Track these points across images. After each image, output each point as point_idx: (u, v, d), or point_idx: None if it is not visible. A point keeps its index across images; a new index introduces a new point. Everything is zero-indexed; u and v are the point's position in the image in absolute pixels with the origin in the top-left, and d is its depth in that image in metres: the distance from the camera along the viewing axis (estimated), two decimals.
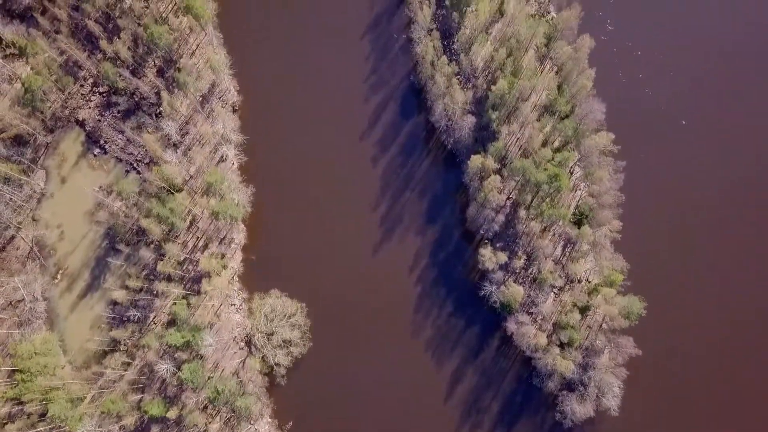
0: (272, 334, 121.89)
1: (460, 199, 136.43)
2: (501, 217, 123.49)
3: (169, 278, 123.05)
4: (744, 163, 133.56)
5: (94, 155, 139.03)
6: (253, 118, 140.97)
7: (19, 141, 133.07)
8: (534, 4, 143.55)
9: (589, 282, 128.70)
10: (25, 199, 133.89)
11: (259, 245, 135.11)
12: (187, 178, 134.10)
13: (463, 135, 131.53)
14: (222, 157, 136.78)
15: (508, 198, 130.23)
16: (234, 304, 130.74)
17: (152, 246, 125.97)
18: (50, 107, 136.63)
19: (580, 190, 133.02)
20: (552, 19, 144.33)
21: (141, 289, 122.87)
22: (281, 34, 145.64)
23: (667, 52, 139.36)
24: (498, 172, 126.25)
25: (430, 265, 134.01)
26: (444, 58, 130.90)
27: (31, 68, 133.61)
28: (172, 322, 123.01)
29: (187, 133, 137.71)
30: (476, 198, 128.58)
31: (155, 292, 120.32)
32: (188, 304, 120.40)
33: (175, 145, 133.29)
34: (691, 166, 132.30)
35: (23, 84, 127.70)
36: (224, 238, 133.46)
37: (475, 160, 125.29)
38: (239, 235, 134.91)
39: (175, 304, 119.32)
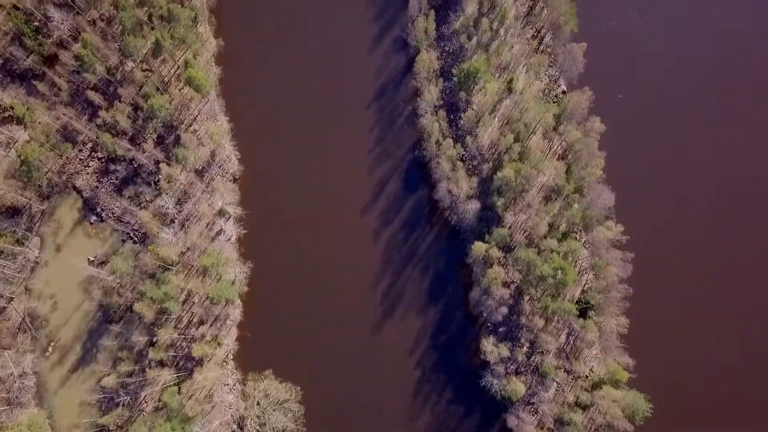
0: (264, 424, 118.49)
1: (464, 278, 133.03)
2: (504, 309, 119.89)
3: (161, 363, 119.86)
4: (757, 254, 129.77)
5: (91, 223, 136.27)
6: (253, 190, 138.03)
7: (13, 212, 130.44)
8: (545, 78, 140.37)
9: (593, 372, 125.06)
10: (18, 268, 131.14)
11: (256, 322, 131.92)
12: (183, 250, 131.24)
13: (468, 216, 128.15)
14: (220, 229, 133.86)
15: (512, 283, 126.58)
16: (227, 384, 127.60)
17: (145, 327, 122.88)
18: (47, 173, 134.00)
19: (586, 273, 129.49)
20: (562, 93, 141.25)
21: (132, 373, 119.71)
22: (285, 101, 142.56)
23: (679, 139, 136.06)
24: (501, 262, 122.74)
25: (431, 348, 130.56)
26: (449, 141, 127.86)
27: (28, 137, 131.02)
28: (163, 406, 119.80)
29: (185, 202, 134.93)
30: (479, 283, 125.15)
31: (146, 378, 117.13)
32: (179, 390, 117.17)
33: (172, 220, 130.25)
34: (701, 256, 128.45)
35: (19, 156, 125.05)
36: (219, 314, 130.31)
37: (478, 248, 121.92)
38: (235, 311, 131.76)
39: (166, 389, 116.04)
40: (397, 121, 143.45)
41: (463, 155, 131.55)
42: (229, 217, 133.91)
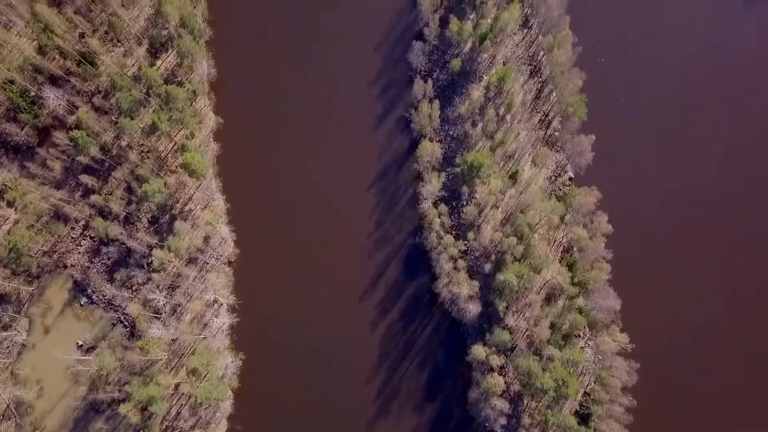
0: None
1: (464, 373, 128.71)
2: (503, 420, 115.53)
3: None
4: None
5: (81, 305, 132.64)
6: (248, 274, 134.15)
7: (0, 299, 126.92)
8: (551, 165, 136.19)
9: None
10: (4, 353, 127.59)
11: (247, 416, 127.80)
12: (174, 338, 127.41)
13: (468, 315, 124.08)
14: (212, 318, 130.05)
15: (511, 385, 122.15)
16: None
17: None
18: (37, 253, 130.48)
19: (588, 376, 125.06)
20: (569, 181, 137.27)
21: None
22: (284, 180, 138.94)
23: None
24: (501, 368, 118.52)
25: None
26: (450, 238, 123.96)
27: (18, 218, 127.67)
28: None
29: (177, 287, 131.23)
30: (478, 385, 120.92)
31: None
32: None
33: (162, 310, 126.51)
34: (710, 370, 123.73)
35: (8, 242, 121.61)
36: (209, 406, 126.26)
37: (478, 351, 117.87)
38: (225, 403, 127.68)
39: None
40: (399, 203, 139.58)
41: (464, 250, 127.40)
42: (222, 305, 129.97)
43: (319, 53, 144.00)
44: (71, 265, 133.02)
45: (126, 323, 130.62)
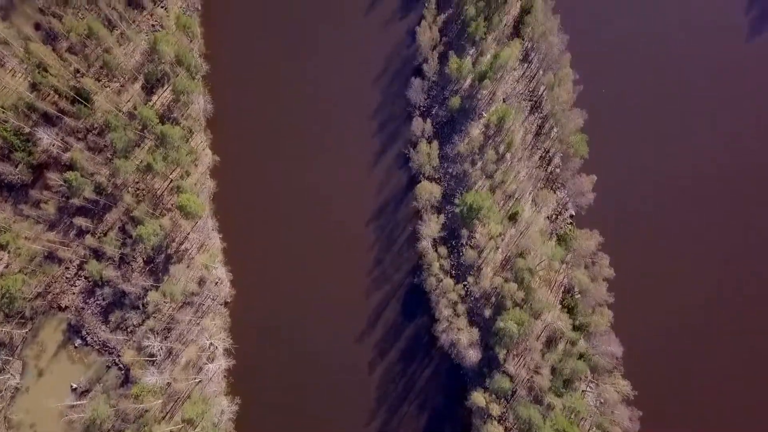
0: None
1: (464, 417, 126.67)
2: None
3: None
4: None
5: (75, 346, 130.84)
6: (245, 316, 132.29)
7: None
8: (552, 203, 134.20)
9: None
10: None
11: None
12: (169, 381, 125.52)
13: (468, 360, 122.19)
14: (209, 358, 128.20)
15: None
16: None
17: None
18: (31, 295, 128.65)
19: (589, 420, 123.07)
20: (570, 218, 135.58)
21: None
22: (281, 218, 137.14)
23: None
24: (501, 417, 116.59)
25: None
26: (449, 282, 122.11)
27: (10, 262, 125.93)
28: None
29: (173, 329, 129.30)
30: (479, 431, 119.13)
31: None
32: None
33: (157, 356, 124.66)
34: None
35: (1, 288, 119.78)
36: None
37: (478, 399, 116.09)
38: None
39: None
40: (398, 241, 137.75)
41: (464, 294, 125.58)
42: (217, 348, 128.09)
43: (317, 89, 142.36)
44: (65, 307, 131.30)
45: (121, 366, 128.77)
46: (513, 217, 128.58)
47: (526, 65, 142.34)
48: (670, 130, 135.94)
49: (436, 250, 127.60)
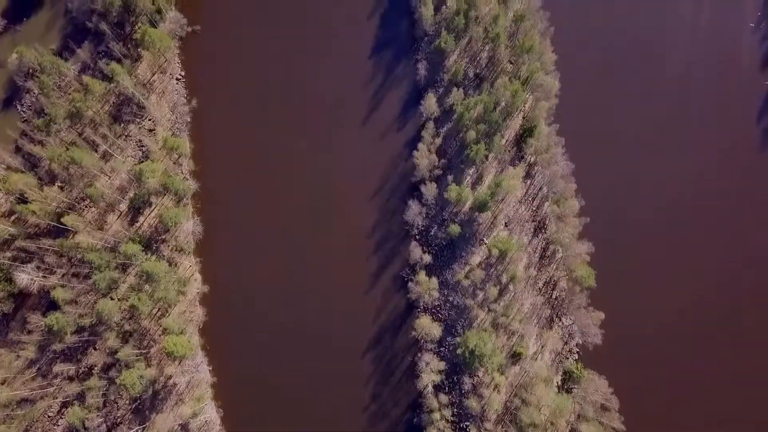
0: None
1: None
2: None
3: None
4: None
5: None
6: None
7: None
8: (557, 341, 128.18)
9: None
10: None
11: None
12: None
13: None
14: None
15: None
16: None
17: None
18: None
19: None
20: (576, 346, 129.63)
21: None
22: (274, 351, 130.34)
23: None
24: None
25: None
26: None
27: None
28: None
29: None
30: None
31: None
32: None
33: None
34: None
35: None
36: None
37: None
38: None
39: None
40: (395, 372, 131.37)
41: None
42: None
43: (312, 204, 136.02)
44: None
45: None
46: (516, 355, 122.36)
47: (528, 181, 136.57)
48: (680, 264, 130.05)
49: (437, 397, 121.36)
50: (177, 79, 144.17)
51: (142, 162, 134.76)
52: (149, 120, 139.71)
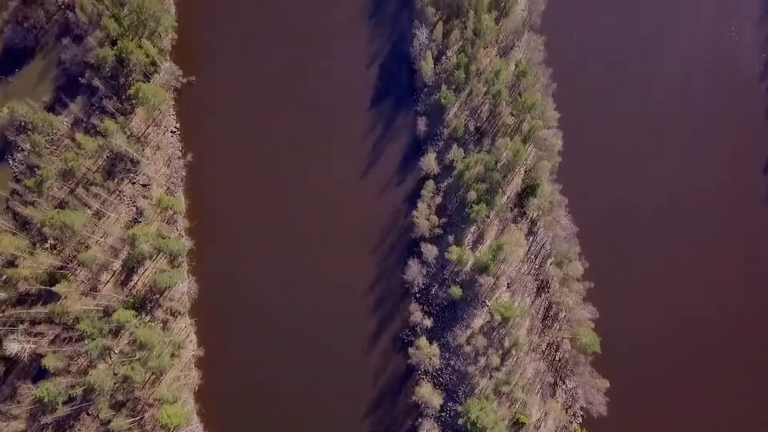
0: None
1: None
2: None
3: None
4: None
5: None
6: None
7: None
8: (560, 410, 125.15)
9: None
10: None
11: None
12: None
13: None
14: None
15: None
16: None
17: None
18: None
19: None
20: (580, 410, 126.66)
21: None
22: (270, 411, 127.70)
23: None
24: None
25: None
26: None
27: None
28: None
29: None
30: None
31: None
32: None
33: None
34: None
35: None
36: None
37: None
38: None
39: None
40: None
41: None
42: None
43: (311, 267, 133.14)
44: None
45: None
46: (519, 424, 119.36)
47: (531, 239, 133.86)
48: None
49: None
50: (172, 132, 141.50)
51: (136, 219, 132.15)
52: (144, 175, 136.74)
